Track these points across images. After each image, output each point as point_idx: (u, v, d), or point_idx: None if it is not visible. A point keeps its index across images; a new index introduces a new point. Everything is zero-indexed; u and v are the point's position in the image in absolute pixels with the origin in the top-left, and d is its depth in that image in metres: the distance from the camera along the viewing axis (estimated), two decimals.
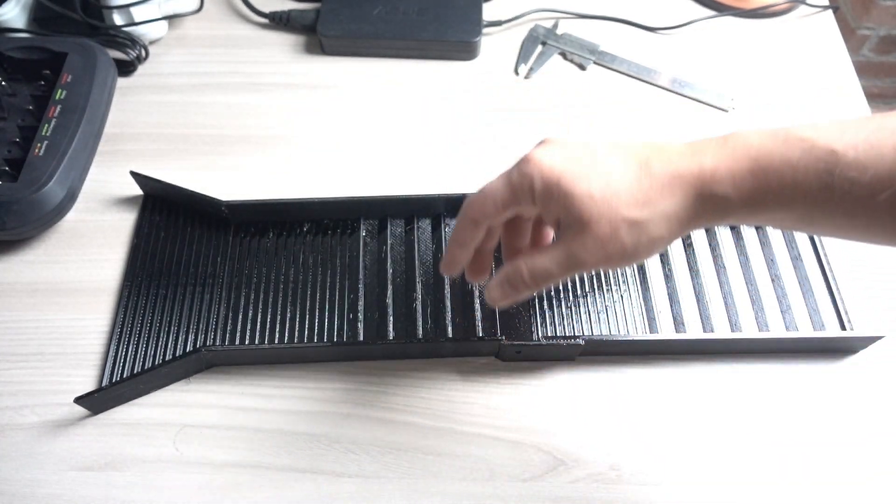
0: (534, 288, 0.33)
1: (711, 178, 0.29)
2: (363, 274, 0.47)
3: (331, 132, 0.56)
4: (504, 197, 0.32)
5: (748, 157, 0.28)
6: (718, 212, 0.29)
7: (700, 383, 0.44)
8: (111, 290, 0.47)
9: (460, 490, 0.41)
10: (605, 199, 0.29)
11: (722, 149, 0.29)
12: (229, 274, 0.47)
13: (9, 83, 0.53)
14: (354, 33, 0.60)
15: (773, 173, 0.28)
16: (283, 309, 0.46)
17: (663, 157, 0.30)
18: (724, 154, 0.29)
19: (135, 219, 0.50)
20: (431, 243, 0.49)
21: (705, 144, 0.30)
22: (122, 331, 0.45)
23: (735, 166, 0.28)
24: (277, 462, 0.41)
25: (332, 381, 0.44)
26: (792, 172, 0.27)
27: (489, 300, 0.35)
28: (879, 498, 0.40)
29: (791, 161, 0.27)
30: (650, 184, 0.29)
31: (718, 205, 0.29)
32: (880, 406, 0.43)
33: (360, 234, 0.49)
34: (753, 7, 0.65)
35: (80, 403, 0.41)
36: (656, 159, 0.30)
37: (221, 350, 0.43)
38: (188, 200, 0.50)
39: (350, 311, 0.46)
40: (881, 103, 1.17)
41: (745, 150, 0.28)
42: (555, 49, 0.62)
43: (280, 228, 0.49)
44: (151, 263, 0.48)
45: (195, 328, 0.45)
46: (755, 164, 0.28)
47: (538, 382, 0.44)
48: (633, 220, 0.29)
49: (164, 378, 0.43)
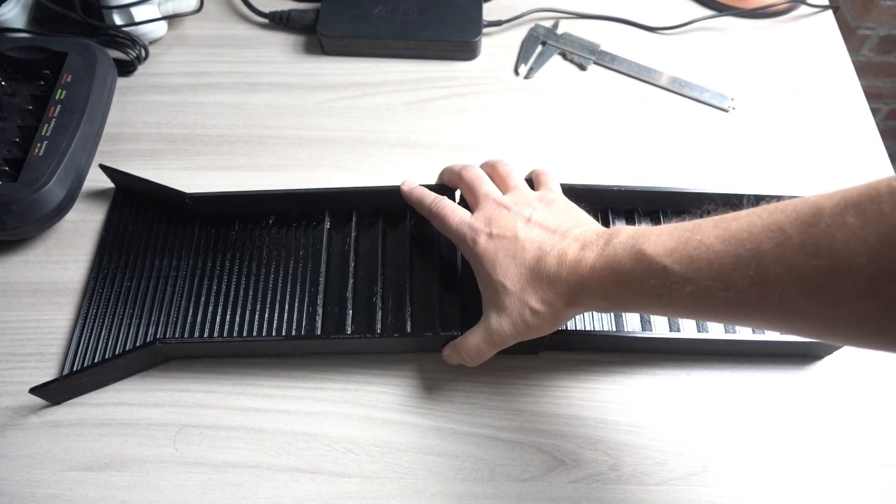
0: (472, 365, 0.42)
1: (588, 287, 0.36)
2: (325, 267, 0.47)
3: (331, 133, 0.56)
4: (456, 225, 0.42)
5: (612, 271, 0.35)
6: (596, 308, 0.38)
7: (686, 384, 0.44)
8: None
9: (460, 490, 0.41)
10: (516, 291, 0.38)
11: (599, 261, 0.35)
12: (192, 266, 0.47)
13: (9, 83, 0.53)
14: (354, 33, 0.60)
15: (626, 286, 0.34)
16: (243, 301, 0.46)
17: (561, 265, 0.37)
18: (599, 267, 0.35)
19: (105, 212, 0.50)
20: (397, 236, 0.48)
21: (591, 250, 0.36)
22: (86, 323, 0.45)
23: (603, 279, 0.35)
24: (277, 462, 0.41)
25: (332, 380, 0.44)
26: (640, 284, 0.33)
27: (448, 363, 0.44)
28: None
29: (638, 275, 0.33)
30: (551, 293, 0.37)
31: (591, 305, 0.37)
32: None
33: (324, 226, 0.48)
34: (753, 7, 0.65)
35: (36, 394, 0.41)
36: (556, 271, 0.37)
37: (176, 343, 0.43)
38: (154, 193, 0.50)
39: (310, 305, 0.45)
40: (881, 103, 1.17)
41: (612, 265, 0.35)
42: (555, 49, 0.62)
43: (245, 221, 0.49)
44: (118, 256, 0.48)
45: (156, 321, 0.45)
46: (615, 278, 0.35)
47: (539, 383, 0.44)
48: (535, 310, 0.38)
49: (120, 370, 0.43)
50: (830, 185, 0.55)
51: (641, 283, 0.33)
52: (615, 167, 0.55)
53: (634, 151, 0.56)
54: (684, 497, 0.40)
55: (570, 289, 0.37)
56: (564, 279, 0.37)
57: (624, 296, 0.35)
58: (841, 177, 0.54)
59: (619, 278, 0.34)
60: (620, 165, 0.55)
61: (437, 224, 0.43)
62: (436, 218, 0.43)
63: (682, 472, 0.41)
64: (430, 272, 0.46)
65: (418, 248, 0.48)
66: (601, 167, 0.55)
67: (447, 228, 0.42)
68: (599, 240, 0.36)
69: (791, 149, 0.56)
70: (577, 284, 0.36)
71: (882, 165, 0.55)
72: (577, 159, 0.55)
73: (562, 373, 0.45)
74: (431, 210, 0.43)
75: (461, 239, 0.41)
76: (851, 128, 0.58)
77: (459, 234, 0.41)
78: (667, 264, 0.32)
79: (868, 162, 0.55)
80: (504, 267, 0.38)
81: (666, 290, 0.32)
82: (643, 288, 0.33)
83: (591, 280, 0.36)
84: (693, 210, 0.38)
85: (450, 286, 0.46)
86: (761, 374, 0.45)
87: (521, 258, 0.38)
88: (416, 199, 0.45)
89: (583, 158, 0.55)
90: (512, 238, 0.39)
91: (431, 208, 0.43)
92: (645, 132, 0.57)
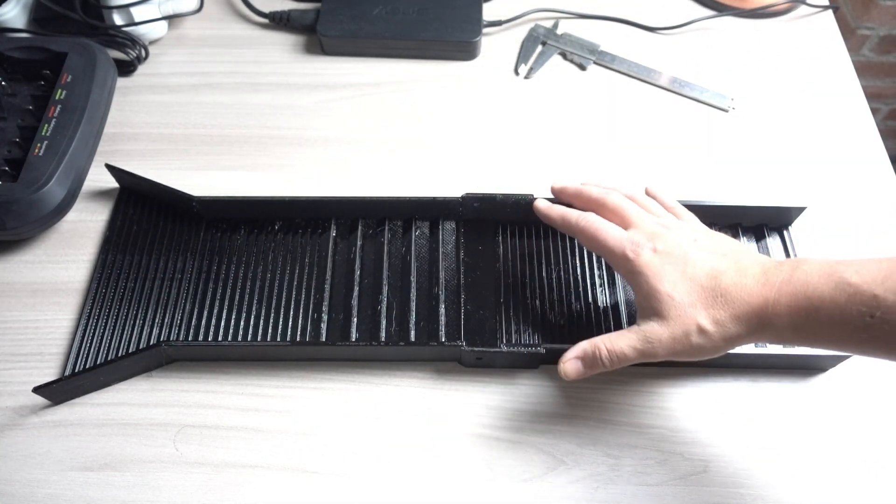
0: (608, 368, 0.38)
1: (773, 312, 0.34)
2: (330, 274, 0.47)
3: (331, 133, 0.56)
4: (611, 241, 0.39)
5: (805, 296, 0.33)
6: (772, 337, 0.35)
7: (688, 391, 0.44)
8: None
9: (461, 490, 0.41)
10: (684, 304, 0.36)
11: (787, 286, 0.34)
12: (197, 269, 0.47)
13: (9, 83, 0.53)
14: (354, 33, 0.60)
15: (824, 314, 0.32)
16: (248, 306, 0.46)
17: (741, 287, 0.35)
18: (788, 291, 0.34)
19: (105, 212, 0.50)
20: (401, 246, 0.48)
21: (776, 274, 0.34)
22: (88, 323, 0.45)
23: (794, 304, 0.33)
24: (277, 462, 0.41)
25: (332, 381, 0.44)
26: (840, 313, 0.32)
27: (562, 373, 0.39)
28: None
29: (839, 303, 0.32)
30: (726, 314, 0.35)
31: (774, 333, 0.34)
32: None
33: (330, 234, 0.49)
34: (753, 7, 0.65)
35: (39, 393, 0.41)
36: (735, 289, 0.35)
37: (182, 345, 0.43)
38: (160, 195, 0.50)
39: (315, 311, 0.45)
40: (881, 103, 1.17)
41: (804, 290, 0.33)
42: (555, 49, 0.62)
43: (251, 226, 0.49)
44: (122, 257, 0.48)
45: (159, 322, 0.45)
46: (809, 304, 0.33)
47: (539, 383, 0.44)
48: (704, 330, 0.35)
49: (124, 371, 0.43)
50: (830, 185, 0.55)
51: (843, 311, 0.32)
52: (615, 167, 0.55)
53: (634, 152, 0.56)
54: (684, 497, 0.40)
55: (750, 311, 0.35)
56: (745, 301, 0.35)
57: (818, 324, 0.33)
58: (841, 177, 0.54)
59: (815, 304, 0.33)
60: (621, 166, 0.55)
61: (587, 239, 0.40)
62: (585, 233, 0.40)
63: (682, 472, 0.41)
64: (434, 282, 0.46)
65: (423, 258, 0.48)
66: (601, 168, 0.54)
67: (600, 243, 0.39)
68: (784, 265, 0.35)
69: (791, 149, 0.56)
70: (759, 308, 0.34)
71: (882, 165, 0.55)
72: (577, 160, 0.55)
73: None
74: (580, 225, 0.41)
75: (620, 252, 0.38)
76: (851, 128, 0.58)
77: (618, 247, 0.38)
78: (878, 293, 0.31)
79: (868, 162, 0.55)
80: (672, 281, 0.36)
81: (875, 321, 0.31)
82: (844, 317, 0.32)
83: (777, 305, 0.34)
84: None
85: (455, 296, 0.46)
86: (765, 383, 0.44)
87: (693, 275, 0.36)
88: (558, 215, 0.42)
89: (583, 159, 0.55)
90: (681, 255, 0.37)
91: (580, 222, 0.41)
92: (645, 132, 0.57)
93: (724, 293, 0.35)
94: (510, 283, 0.47)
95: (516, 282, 0.47)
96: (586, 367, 0.39)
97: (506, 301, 0.46)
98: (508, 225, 0.49)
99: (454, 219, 0.49)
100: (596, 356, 0.38)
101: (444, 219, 0.49)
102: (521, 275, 0.47)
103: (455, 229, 0.49)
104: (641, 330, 0.37)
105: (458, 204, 0.48)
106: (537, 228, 0.49)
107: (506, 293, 0.46)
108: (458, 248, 0.48)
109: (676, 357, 0.37)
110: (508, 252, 0.48)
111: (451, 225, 0.49)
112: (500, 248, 0.48)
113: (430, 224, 0.49)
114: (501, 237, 0.49)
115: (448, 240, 0.49)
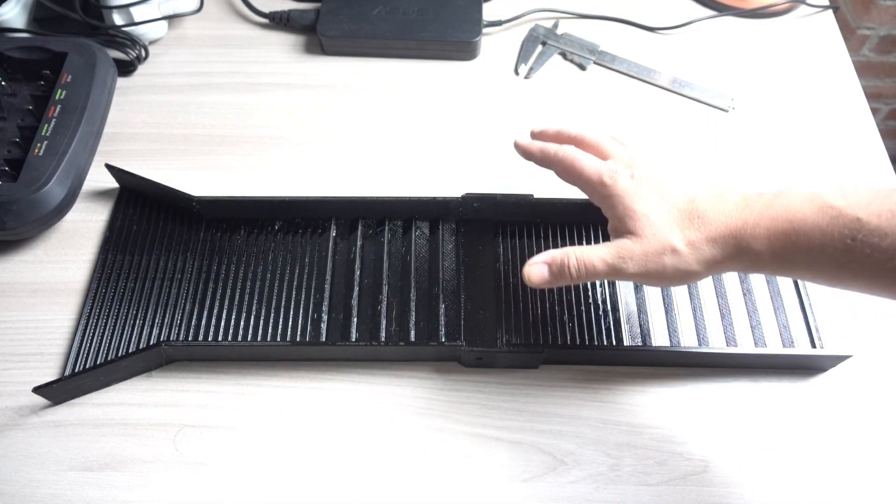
0: (575, 280, 0.37)
1: (752, 235, 0.33)
2: (330, 274, 0.47)
3: (331, 132, 0.56)
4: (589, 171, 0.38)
5: (787, 219, 0.32)
6: (750, 263, 0.34)
7: (688, 391, 0.44)
8: None
9: (461, 490, 0.41)
10: (659, 223, 0.35)
11: (768, 209, 0.33)
12: (197, 269, 0.47)
13: (9, 83, 0.53)
14: (354, 33, 0.60)
15: (804, 236, 0.32)
16: (248, 306, 0.46)
17: (719, 210, 0.34)
18: (768, 215, 0.33)
19: (109, 211, 0.50)
20: (401, 246, 0.48)
21: (757, 201, 0.34)
22: (88, 323, 0.45)
23: (773, 226, 0.32)
24: (277, 462, 0.41)
25: (332, 380, 0.44)
26: (820, 236, 0.31)
27: (526, 277, 0.38)
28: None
29: (820, 226, 0.31)
30: (701, 235, 0.34)
31: (751, 259, 0.33)
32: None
33: (330, 234, 0.49)
34: (753, 7, 0.65)
35: (39, 393, 0.41)
36: (712, 212, 0.34)
37: (181, 345, 0.43)
38: (160, 194, 0.50)
39: (315, 311, 0.45)
40: (881, 103, 1.17)
41: (785, 213, 0.32)
42: (555, 49, 0.62)
43: (251, 226, 0.49)
44: (122, 257, 0.48)
45: (160, 322, 0.45)
46: (790, 227, 0.32)
47: (539, 383, 0.44)
48: (677, 250, 0.34)
49: (124, 371, 0.43)
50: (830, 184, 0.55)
51: (824, 233, 0.31)
52: None
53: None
54: (684, 497, 0.40)
55: (726, 233, 0.34)
56: (721, 222, 0.34)
57: (797, 248, 0.32)
58: (841, 177, 0.54)
59: (796, 227, 0.32)
60: None
61: (565, 170, 0.39)
62: (563, 162, 0.39)
63: (682, 472, 0.41)
64: (434, 282, 0.46)
65: (423, 258, 0.48)
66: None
67: (577, 172, 0.38)
68: (766, 193, 0.34)
69: (791, 149, 0.56)
70: (737, 230, 0.33)
71: (882, 165, 0.55)
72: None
73: (562, 374, 0.45)
74: (557, 156, 0.39)
75: (597, 179, 0.37)
76: (851, 128, 0.58)
77: (595, 174, 0.37)
78: (861, 216, 0.30)
79: (868, 162, 0.55)
80: (649, 202, 0.35)
81: (856, 243, 0.30)
82: (825, 239, 0.31)
83: (756, 227, 0.33)
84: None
85: (454, 296, 0.46)
86: (765, 383, 0.44)
87: (670, 198, 0.35)
88: (538, 149, 0.41)
89: None
90: (658, 179, 0.36)
91: (558, 153, 0.40)
92: (645, 132, 0.57)
93: (701, 215, 0.34)
94: (510, 283, 0.47)
95: (516, 282, 0.47)
96: (552, 275, 0.38)
97: (506, 301, 0.46)
98: (508, 225, 0.49)
99: (454, 219, 0.49)
100: (564, 264, 0.37)
101: (443, 219, 0.49)
102: (521, 275, 0.47)
103: (455, 229, 0.49)
104: (614, 244, 0.36)
105: (458, 204, 0.48)
106: (537, 228, 0.49)
107: (506, 293, 0.46)
108: (457, 248, 0.48)
109: (648, 278, 0.35)
110: (508, 252, 0.48)
111: (451, 225, 0.49)
112: (500, 248, 0.48)
113: (430, 224, 0.49)
114: (501, 237, 0.49)
115: (448, 240, 0.49)
